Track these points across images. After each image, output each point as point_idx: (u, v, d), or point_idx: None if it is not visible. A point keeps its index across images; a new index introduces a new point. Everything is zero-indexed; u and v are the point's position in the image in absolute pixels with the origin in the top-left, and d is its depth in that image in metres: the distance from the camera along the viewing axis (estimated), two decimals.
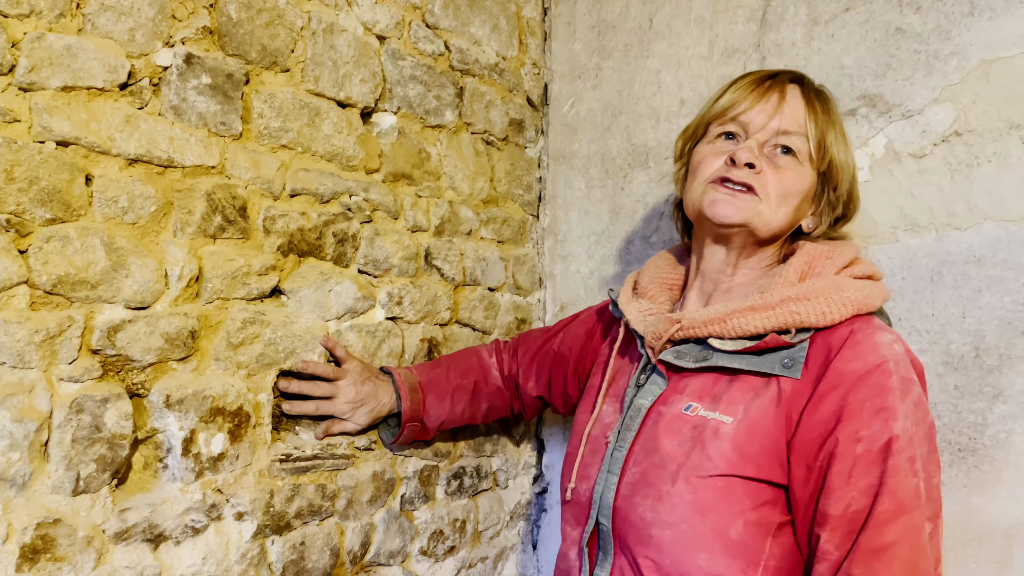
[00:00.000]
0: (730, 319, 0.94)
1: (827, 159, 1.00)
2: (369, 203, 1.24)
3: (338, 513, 1.18)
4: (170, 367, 0.96)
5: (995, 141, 1.15)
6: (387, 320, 1.28)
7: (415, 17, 1.33)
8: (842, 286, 0.93)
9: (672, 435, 0.95)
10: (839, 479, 0.85)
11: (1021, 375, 1.12)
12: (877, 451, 0.84)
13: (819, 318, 0.91)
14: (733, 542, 0.88)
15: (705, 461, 0.91)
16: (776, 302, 0.93)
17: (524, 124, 1.61)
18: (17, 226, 0.82)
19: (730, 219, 0.98)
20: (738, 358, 0.94)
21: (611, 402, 1.08)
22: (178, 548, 0.96)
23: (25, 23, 0.82)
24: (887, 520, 0.83)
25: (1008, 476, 1.12)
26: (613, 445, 1.01)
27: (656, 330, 1.01)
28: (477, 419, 1.36)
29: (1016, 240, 1.12)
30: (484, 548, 1.50)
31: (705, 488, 0.90)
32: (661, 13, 1.51)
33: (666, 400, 0.99)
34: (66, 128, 0.85)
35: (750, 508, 0.89)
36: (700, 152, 1.05)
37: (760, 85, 1.02)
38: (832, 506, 0.85)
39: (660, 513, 0.91)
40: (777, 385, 0.92)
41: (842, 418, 0.86)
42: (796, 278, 0.96)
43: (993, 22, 1.15)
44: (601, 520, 0.98)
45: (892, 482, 0.83)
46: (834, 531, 0.85)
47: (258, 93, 1.06)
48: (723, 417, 0.92)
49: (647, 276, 1.15)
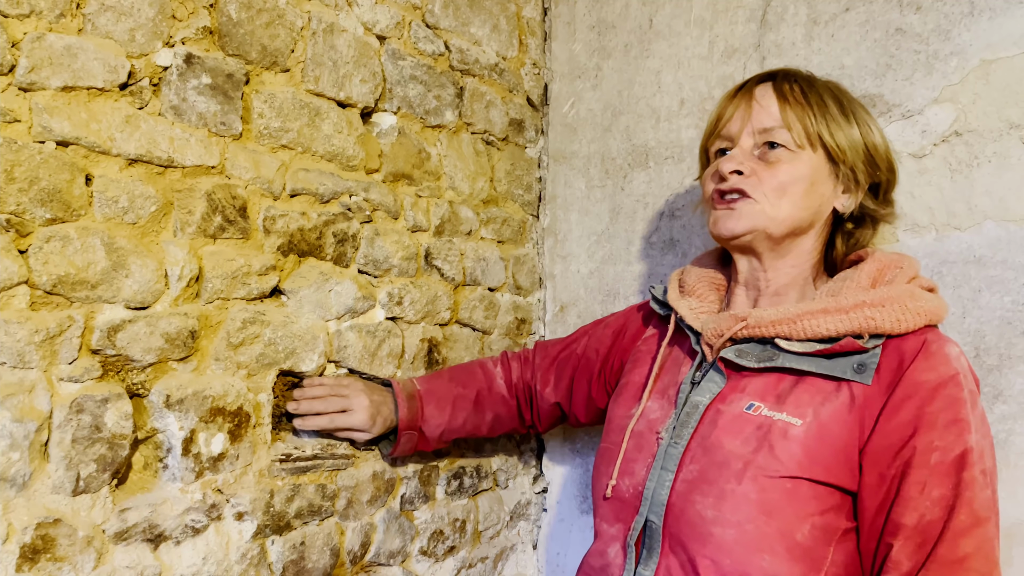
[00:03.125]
0: (801, 320, 0.93)
1: (818, 140, 0.99)
2: (369, 203, 1.24)
3: (338, 513, 1.18)
4: (170, 367, 0.96)
5: (995, 141, 1.15)
6: (387, 320, 1.28)
7: (415, 17, 1.33)
8: (916, 295, 0.93)
9: (734, 434, 0.94)
10: (914, 489, 0.85)
11: (1021, 375, 1.12)
12: (951, 462, 0.85)
13: (894, 325, 0.91)
14: (798, 545, 0.88)
15: (773, 461, 0.90)
16: (850, 306, 0.92)
17: (524, 124, 1.61)
18: (17, 226, 0.82)
19: (734, 231, 1.00)
20: (807, 360, 0.93)
21: (657, 398, 1.06)
22: (178, 548, 0.96)
23: (25, 23, 0.82)
24: (964, 532, 0.83)
25: (1008, 476, 1.12)
26: (667, 442, 0.98)
27: (717, 327, 1.00)
28: (482, 430, 1.33)
29: (1016, 240, 1.12)
30: (484, 548, 1.50)
31: (773, 488, 0.89)
32: (661, 13, 1.51)
33: (724, 398, 0.97)
34: (66, 128, 0.85)
35: (817, 512, 0.89)
36: (705, 176, 1.09)
37: (734, 97, 1.05)
38: (906, 515, 0.85)
39: (723, 511, 0.90)
40: (849, 390, 0.91)
41: (918, 428, 0.87)
42: (868, 283, 0.96)
43: (993, 22, 1.15)
44: (651, 518, 0.96)
45: (968, 494, 0.84)
46: (907, 541, 0.85)
47: (258, 93, 1.06)
48: (791, 419, 0.91)
49: (693, 275, 1.14)
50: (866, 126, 1.03)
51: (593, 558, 1.05)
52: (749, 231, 0.99)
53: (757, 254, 1.03)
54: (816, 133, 0.99)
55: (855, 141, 1.01)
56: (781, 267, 1.03)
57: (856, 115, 1.02)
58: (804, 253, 1.03)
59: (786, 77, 1.03)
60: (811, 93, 1.01)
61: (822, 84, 1.04)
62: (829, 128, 0.99)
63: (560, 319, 1.65)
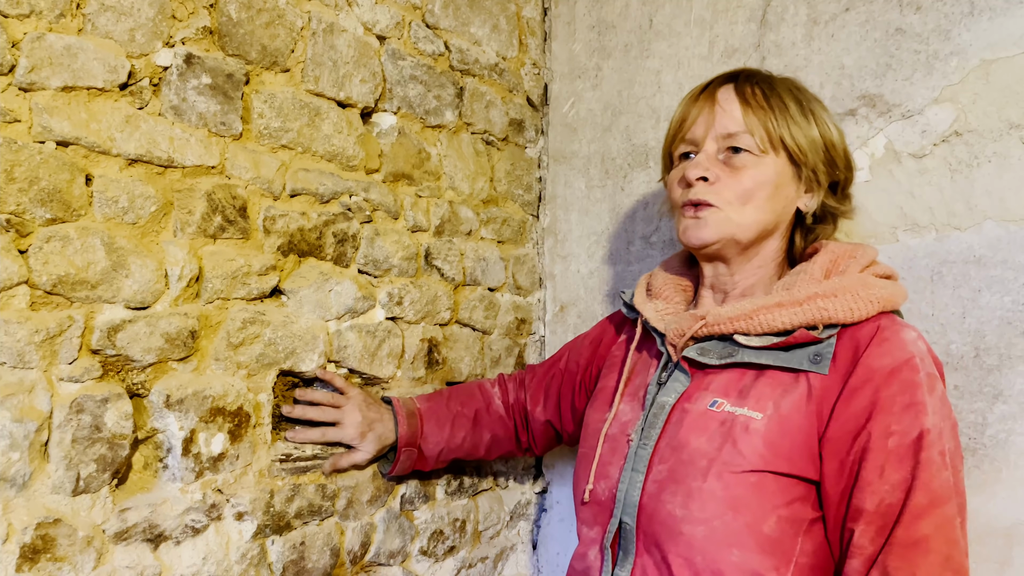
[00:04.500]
0: (757, 315, 0.95)
1: (780, 144, 1.00)
2: (369, 203, 1.24)
3: (338, 513, 1.18)
4: (170, 367, 0.96)
5: (995, 141, 1.15)
6: (387, 320, 1.28)
7: (415, 17, 1.33)
8: (868, 283, 0.94)
9: (699, 431, 0.95)
10: (872, 474, 0.86)
11: (1021, 375, 1.12)
12: (908, 445, 0.86)
13: (847, 314, 0.92)
14: (766, 538, 0.89)
15: (737, 457, 0.91)
16: (803, 298, 0.93)
17: (524, 124, 1.61)
18: (17, 226, 0.82)
19: (703, 240, 1.01)
20: (765, 354, 0.95)
21: (628, 401, 1.07)
22: (178, 548, 0.96)
23: (25, 23, 0.82)
24: (921, 513, 0.84)
25: (1008, 476, 1.12)
26: (637, 443, 1.00)
27: (679, 327, 1.02)
28: (480, 450, 1.33)
29: (1016, 240, 1.12)
30: (484, 548, 1.50)
31: (738, 484, 0.90)
32: (661, 13, 1.51)
33: (690, 397, 0.99)
34: (66, 128, 0.85)
35: (783, 504, 0.90)
36: (670, 180, 1.09)
37: (696, 99, 1.05)
38: (866, 500, 0.86)
39: (691, 510, 0.91)
40: (806, 381, 0.92)
41: (874, 413, 0.87)
42: (821, 275, 0.97)
43: (993, 22, 1.15)
44: (625, 519, 0.97)
45: (925, 475, 0.85)
46: (868, 525, 0.86)
47: (258, 93, 1.06)
48: (752, 413, 0.93)
49: (660, 278, 1.16)
50: (824, 124, 1.03)
51: (576, 561, 1.07)
52: (717, 239, 1.01)
53: (725, 260, 1.05)
54: (779, 137, 0.99)
55: (815, 141, 1.01)
56: (748, 269, 1.05)
57: (814, 113, 1.03)
58: (769, 254, 1.05)
59: (748, 79, 1.03)
60: (772, 95, 1.01)
61: (781, 83, 1.04)
62: (791, 130, 1.00)
63: (560, 319, 1.65)
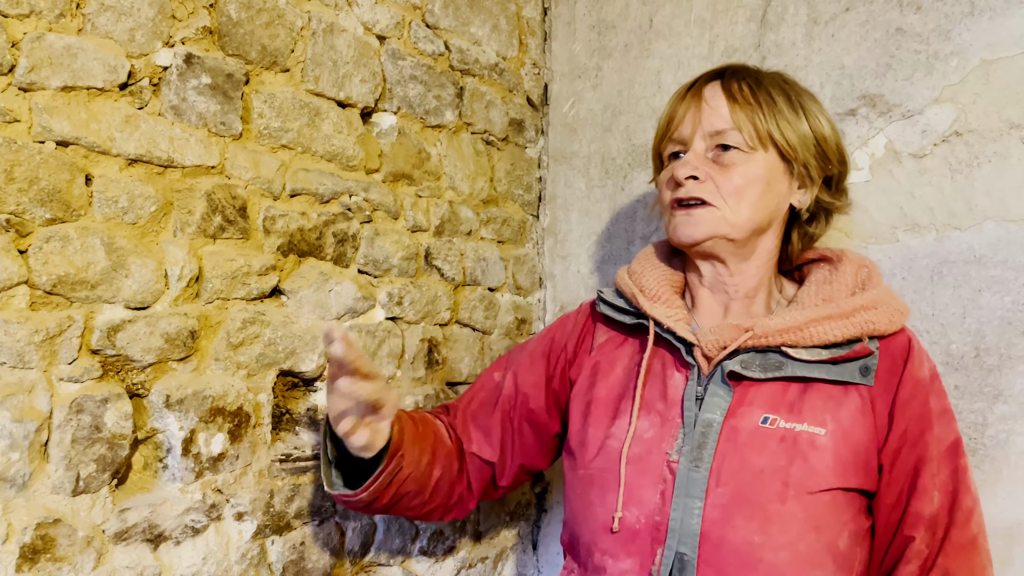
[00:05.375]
0: (807, 328, 0.93)
1: (770, 140, 0.98)
2: (369, 203, 1.24)
3: (338, 513, 1.18)
4: (170, 367, 0.96)
5: (995, 141, 1.15)
6: (387, 320, 1.28)
7: (415, 17, 1.33)
8: (893, 295, 0.97)
9: (759, 450, 0.91)
10: (929, 481, 0.90)
11: (1021, 375, 1.12)
12: (947, 451, 0.91)
13: (888, 326, 0.94)
14: (841, 554, 0.90)
15: (812, 475, 0.89)
16: (850, 310, 0.94)
17: (524, 124, 1.61)
18: (17, 226, 0.82)
19: (694, 238, 0.99)
20: (816, 367, 0.93)
21: (646, 416, 0.98)
22: (178, 548, 0.96)
23: (25, 23, 0.82)
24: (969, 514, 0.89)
25: (1008, 476, 1.12)
26: (687, 466, 0.92)
27: (718, 339, 0.95)
28: (425, 493, 1.06)
29: (1016, 240, 1.12)
30: (484, 548, 1.50)
31: (816, 503, 0.89)
32: (661, 13, 1.51)
33: (733, 412, 0.93)
34: (66, 128, 0.85)
35: (850, 518, 0.91)
36: (659, 180, 1.08)
37: (683, 98, 1.04)
38: (925, 507, 0.89)
39: (771, 535, 0.87)
40: (857, 393, 0.93)
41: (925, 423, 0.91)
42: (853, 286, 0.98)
43: (993, 22, 1.15)
44: (682, 550, 0.90)
45: (965, 479, 0.90)
46: (927, 531, 0.89)
47: (258, 93, 1.06)
48: (814, 429, 0.91)
49: (651, 278, 1.07)
50: (815, 118, 1.01)
51: None
52: (709, 237, 0.99)
53: (720, 259, 1.02)
54: (767, 132, 0.98)
55: (805, 136, 1.00)
56: (746, 270, 1.02)
57: (804, 107, 1.01)
58: (766, 252, 1.03)
59: (734, 75, 1.02)
60: (760, 91, 0.99)
61: (769, 79, 1.02)
62: (779, 126, 0.98)
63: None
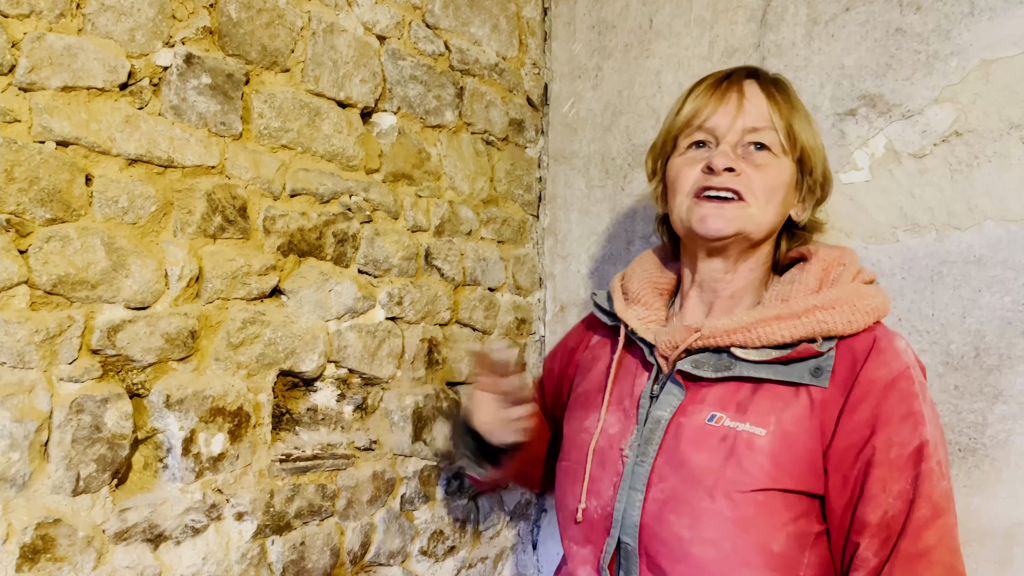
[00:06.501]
0: (755, 328, 0.92)
1: (799, 146, 0.99)
2: (369, 203, 1.24)
3: (338, 513, 1.18)
4: (170, 367, 0.96)
5: (995, 141, 1.15)
6: (387, 320, 1.28)
7: (415, 17, 1.33)
8: (862, 294, 0.93)
9: (700, 448, 0.92)
10: (877, 486, 0.86)
11: (1021, 375, 1.12)
12: (908, 456, 0.85)
13: (846, 326, 0.91)
14: (775, 555, 0.88)
15: (744, 475, 0.88)
16: (802, 311, 0.91)
17: (524, 124, 1.61)
18: (17, 226, 0.82)
19: (723, 232, 0.96)
20: (764, 367, 0.92)
21: (614, 411, 1.03)
22: (178, 548, 0.96)
23: (25, 23, 0.82)
24: (925, 524, 0.84)
25: (1008, 476, 1.12)
26: (634, 460, 0.96)
27: (671, 339, 0.98)
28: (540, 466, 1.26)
29: (1016, 240, 1.12)
30: (484, 548, 1.50)
31: (746, 503, 0.88)
32: (661, 13, 1.51)
33: (684, 410, 0.95)
34: (66, 128, 0.85)
35: (790, 520, 0.88)
36: (675, 166, 1.03)
37: (718, 88, 1.01)
38: (871, 513, 0.86)
39: (699, 531, 0.88)
40: (807, 394, 0.91)
41: (876, 426, 0.87)
42: (816, 285, 0.95)
43: (993, 22, 1.15)
44: (624, 539, 0.94)
45: (927, 487, 0.84)
46: (873, 538, 0.86)
47: (258, 93, 1.06)
48: (755, 429, 0.90)
49: (636, 281, 1.10)
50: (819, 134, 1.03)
51: None
52: (736, 233, 0.97)
53: (730, 256, 1.01)
54: (797, 138, 0.98)
55: (821, 148, 1.02)
56: (742, 270, 1.02)
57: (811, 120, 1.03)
58: (763, 257, 1.03)
59: (765, 76, 1.02)
60: (786, 94, 1.00)
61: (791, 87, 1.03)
62: (806, 134, 0.99)
63: (560, 319, 1.65)
